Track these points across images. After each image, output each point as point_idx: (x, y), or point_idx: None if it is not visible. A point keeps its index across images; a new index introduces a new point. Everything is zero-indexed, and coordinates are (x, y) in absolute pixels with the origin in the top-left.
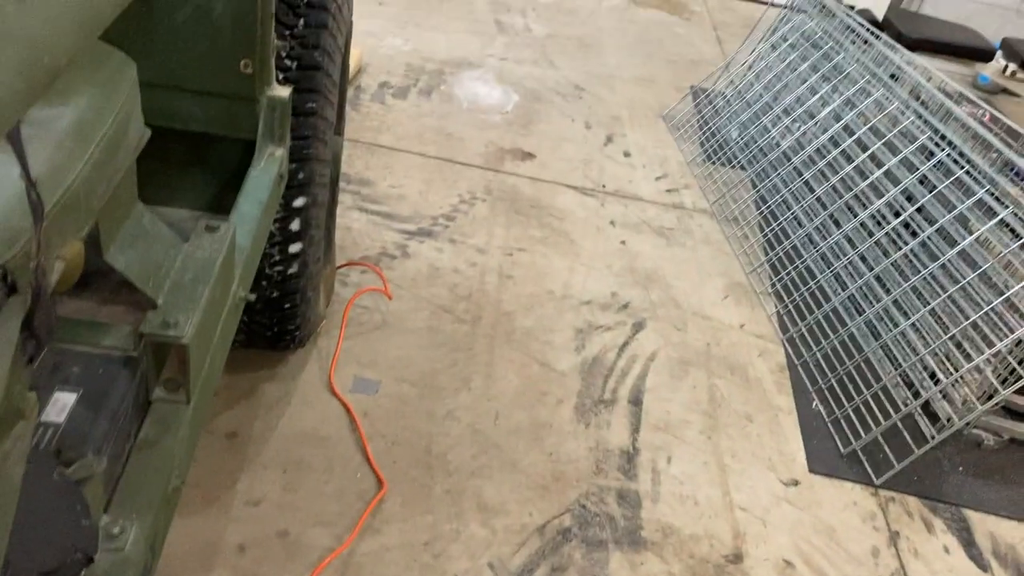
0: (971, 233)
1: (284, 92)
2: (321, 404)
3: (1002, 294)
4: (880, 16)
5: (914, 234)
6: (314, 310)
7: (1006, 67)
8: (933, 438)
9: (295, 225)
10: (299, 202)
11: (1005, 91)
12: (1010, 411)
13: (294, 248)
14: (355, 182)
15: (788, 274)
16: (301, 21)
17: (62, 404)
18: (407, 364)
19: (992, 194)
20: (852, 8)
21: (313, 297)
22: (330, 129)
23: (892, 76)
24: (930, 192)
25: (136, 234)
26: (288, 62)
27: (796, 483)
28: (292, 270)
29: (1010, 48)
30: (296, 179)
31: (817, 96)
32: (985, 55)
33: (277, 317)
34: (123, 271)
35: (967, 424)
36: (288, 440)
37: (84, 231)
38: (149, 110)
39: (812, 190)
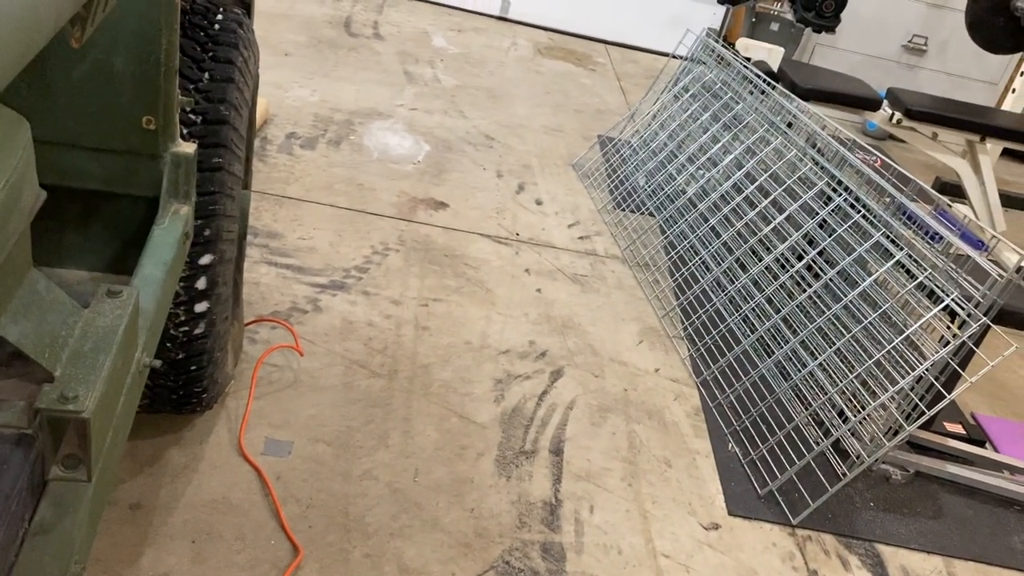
0: (870, 274)
1: (189, 148)
2: (231, 469)
3: (901, 332)
4: (775, 67)
5: (817, 276)
6: (222, 371)
7: (892, 115)
8: (845, 475)
9: (201, 283)
10: (205, 260)
11: (892, 138)
12: (915, 446)
13: (200, 307)
14: (263, 235)
15: (699, 317)
16: (206, 75)
17: None
18: (321, 423)
19: (888, 237)
20: (748, 60)
21: (221, 357)
22: (238, 184)
23: (789, 124)
24: (830, 236)
25: (30, 302)
26: (193, 117)
27: (717, 527)
28: (198, 330)
29: (895, 97)
30: (202, 236)
31: (719, 144)
32: (872, 104)
33: (183, 380)
34: (16, 342)
35: (876, 460)
36: (196, 508)
37: None
38: (44, 168)
39: (718, 235)
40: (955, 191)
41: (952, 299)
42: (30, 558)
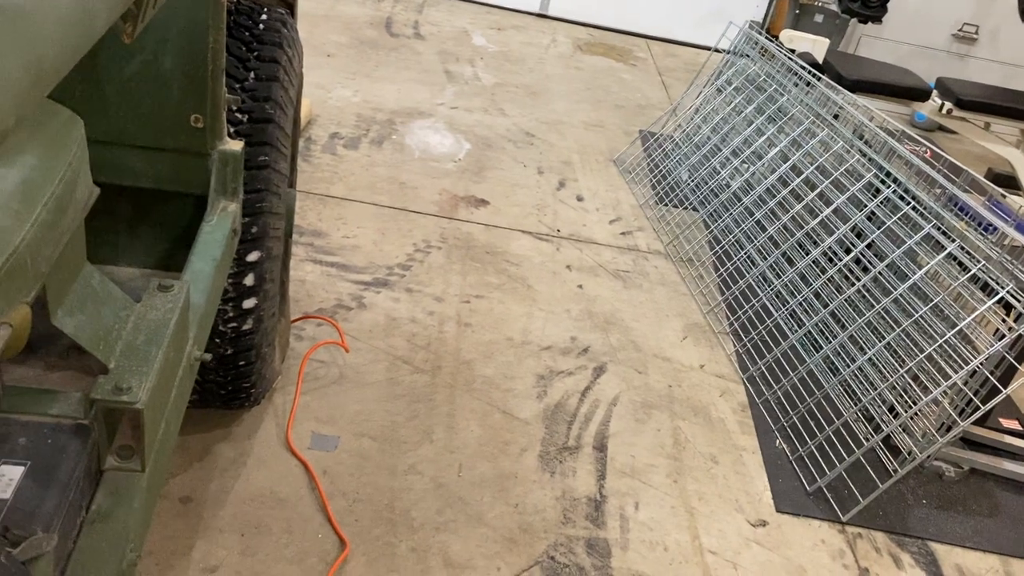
0: (921, 267)
1: (236, 146)
2: (278, 463)
3: (954, 326)
4: (820, 58)
5: (866, 270)
6: (270, 366)
7: (942, 105)
8: (896, 472)
9: (249, 280)
10: (253, 256)
11: (941, 129)
12: (969, 442)
13: (248, 303)
14: (308, 233)
15: (745, 313)
16: (251, 74)
17: (8, 478)
18: (366, 418)
19: (939, 228)
20: (793, 51)
21: (268, 353)
22: (284, 182)
23: (835, 116)
24: (879, 228)
25: (85, 296)
26: (239, 115)
27: (764, 523)
28: (247, 326)
29: (945, 87)
30: (250, 233)
31: (764, 137)
32: (921, 94)
33: (232, 375)
34: (72, 335)
35: (928, 457)
36: (245, 502)
37: (31, 295)
38: (96, 167)
39: (764, 229)
40: (1008, 182)
41: (1007, 291)
42: (88, 544)
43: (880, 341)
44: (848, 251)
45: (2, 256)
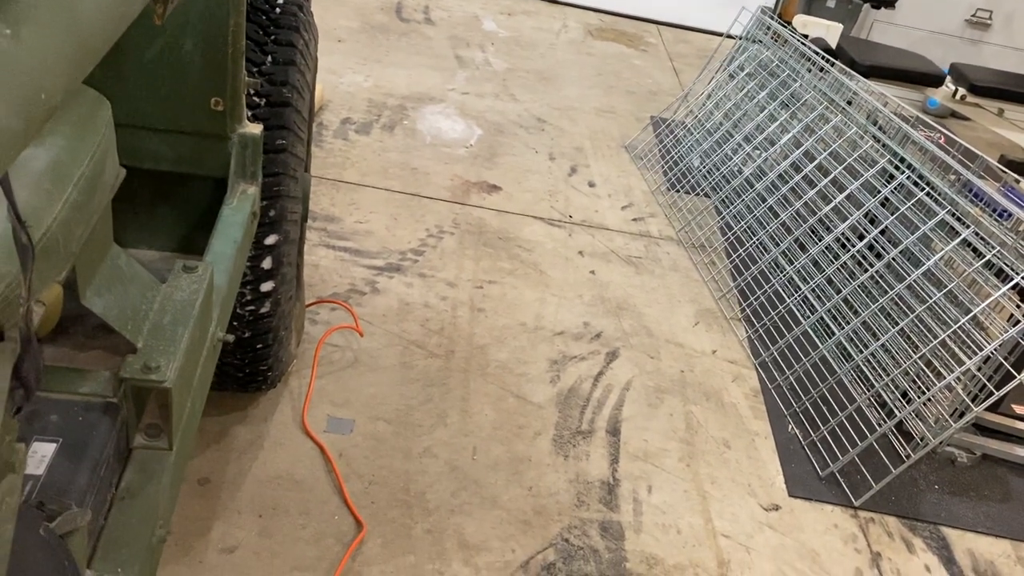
0: (935, 253)
1: (256, 129)
2: (295, 446)
3: (968, 312)
4: (833, 44)
5: (879, 256)
6: (286, 350)
7: (955, 91)
8: (908, 457)
9: (267, 263)
10: (271, 240)
11: (954, 115)
12: (981, 428)
13: (266, 287)
14: (321, 218)
15: (757, 299)
16: (269, 58)
17: (41, 455)
18: (381, 401)
19: (953, 214)
20: (806, 37)
21: (285, 336)
22: (300, 165)
23: (848, 102)
24: (893, 214)
25: (113, 276)
26: (257, 99)
27: (777, 508)
28: (264, 309)
29: (959, 73)
30: (268, 216)
31: (777, 123)
32: (935, 80)
33: (249, 358)
34: (101, 314)
35: (941, 442)
36: (262, 484)
37: (63, 274)
38: (117, 149)
39: (776, 215)
40: (1022, 168)
41: (1022, 277)
42: (118, 521)
43: (893, 327)
44: (861, 237)
45: (36, 235)
